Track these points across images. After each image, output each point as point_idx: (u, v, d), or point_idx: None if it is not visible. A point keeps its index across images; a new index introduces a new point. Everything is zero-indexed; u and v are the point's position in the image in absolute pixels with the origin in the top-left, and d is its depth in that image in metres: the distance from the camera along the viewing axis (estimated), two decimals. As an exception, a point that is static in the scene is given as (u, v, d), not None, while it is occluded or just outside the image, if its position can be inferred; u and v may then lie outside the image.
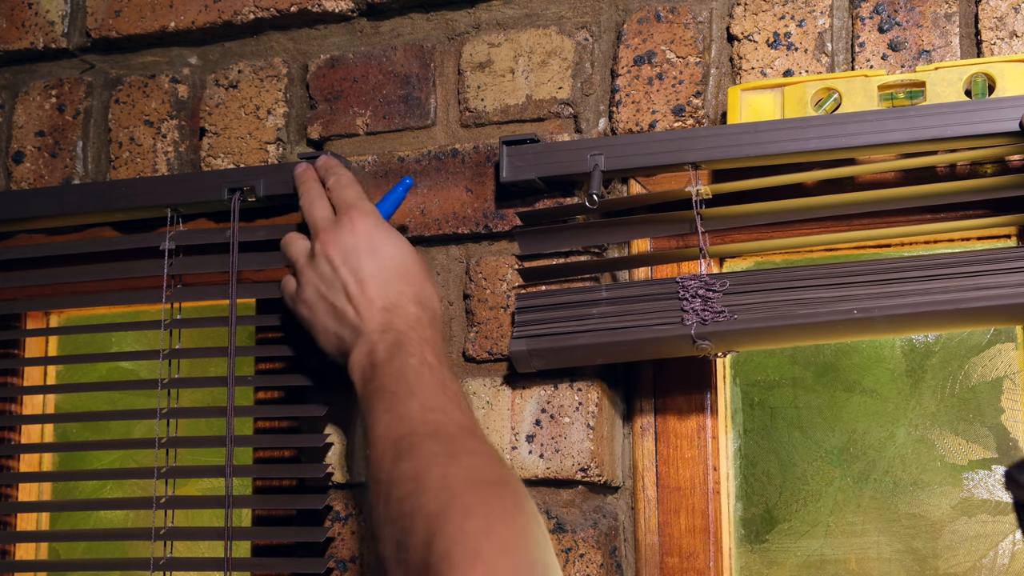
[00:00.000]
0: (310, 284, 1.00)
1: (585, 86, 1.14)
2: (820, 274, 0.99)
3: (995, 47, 1.02)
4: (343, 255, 0.98)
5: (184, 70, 1.29)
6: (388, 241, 1.00)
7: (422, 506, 0.75)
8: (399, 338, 0.92)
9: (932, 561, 1.10)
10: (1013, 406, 1.10)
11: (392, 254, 0.99)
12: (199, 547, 1.31)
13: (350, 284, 0.97)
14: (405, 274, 0.98)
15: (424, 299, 0.98)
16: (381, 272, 0.97)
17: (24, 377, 1.35)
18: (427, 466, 0.79)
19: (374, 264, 0.97)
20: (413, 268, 0.99)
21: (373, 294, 0.96)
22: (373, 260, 0.98)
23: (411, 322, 0.95)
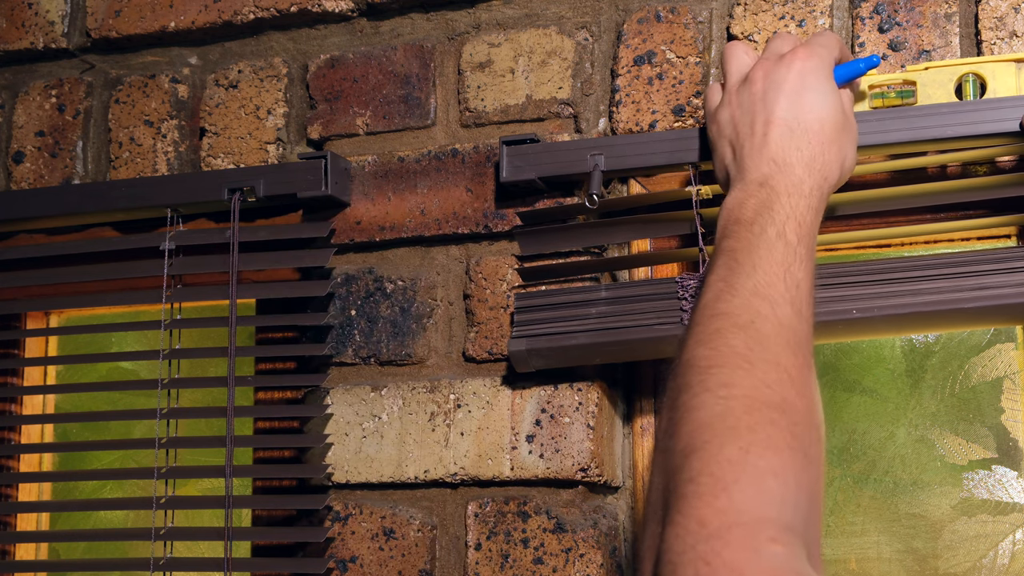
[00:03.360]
0: (728, 106, 0.93)
1: (585, 86, 1.14)
2: (820, 274, 0.99)
3: (995, 47, 1.02)
4: (767, 89, 0.90)
5: (184, 70, 1.29)
6: (817, 90, 0.90)
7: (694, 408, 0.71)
8: (769, 200, 0.84)
9: (932, 561, 1.10)
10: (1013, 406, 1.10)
11: (813, 105, 0.89)
12: (199, 547, 1.31)
13: (757, 121, 0.89)
14: (812, 131, 0.88)
15: (819, 165, 0.88)
16: (790, 120, 0.88)
17: (24, 377, 1.35)
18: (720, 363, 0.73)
19: (789, 108, 0.89)
20: (826, 128, 0.89)
21: (771, 140, 0.88)
22: (791, 104, 0.89)
23: (790, 186, 0.86)
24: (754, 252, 0.81)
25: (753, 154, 0.88)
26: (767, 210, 0.83)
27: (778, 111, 0.89)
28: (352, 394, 1.16)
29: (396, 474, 1.13)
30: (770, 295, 0.78)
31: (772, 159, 0.87)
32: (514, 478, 1.09)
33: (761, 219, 0.83)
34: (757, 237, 0.82)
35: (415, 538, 1.12)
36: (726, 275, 0.80)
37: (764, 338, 0.75)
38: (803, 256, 0.82)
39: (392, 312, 1.16)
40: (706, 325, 0.77)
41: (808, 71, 0.90)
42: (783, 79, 0.90)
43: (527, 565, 1.08)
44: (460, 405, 1.12)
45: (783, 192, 0.85)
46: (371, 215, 1.18)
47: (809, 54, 0.91)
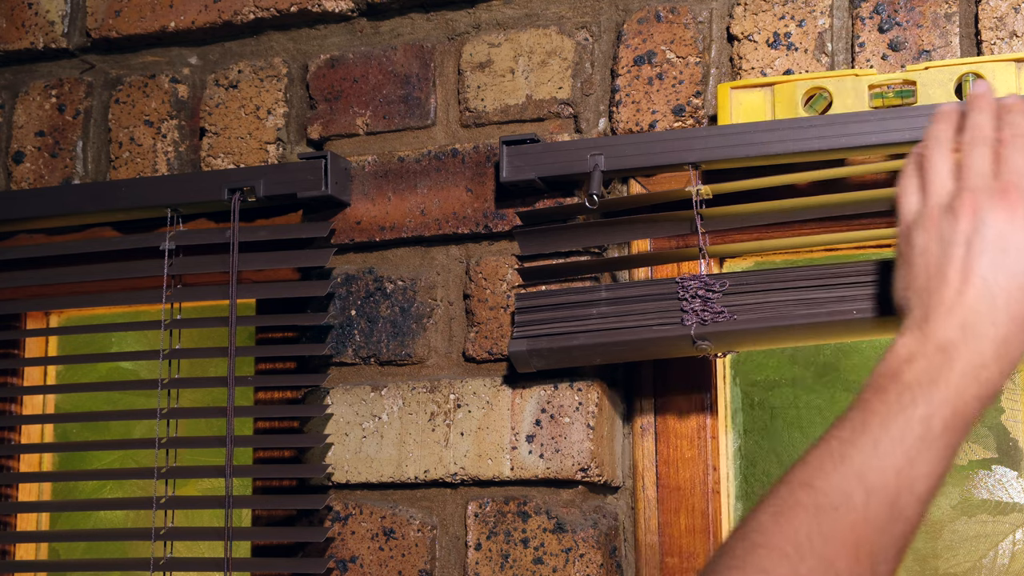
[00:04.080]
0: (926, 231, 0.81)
1: (585, 86, 1.14)
2: (820, 274, 0.99)
3: (995, 47, 1.02)
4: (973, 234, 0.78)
5: (184, 70, 1.29)
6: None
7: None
8: (939, 372, 0.75)
9: (932, 561, 1.10)
10: (1013, 406, 1.10)
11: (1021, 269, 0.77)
12: (199, 547, 1.31)
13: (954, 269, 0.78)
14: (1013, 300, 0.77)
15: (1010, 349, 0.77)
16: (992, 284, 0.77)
17: (24, 377, 1.35)
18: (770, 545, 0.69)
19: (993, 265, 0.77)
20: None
21: (967, 299, 0.77)
22: (996, 260, 0.77)
23: (969, 365, 0.75)
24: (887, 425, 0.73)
25: (942, 307, 0.78)
26: (931, 383, 0.74)
27: (980, 268, 0.77)
28: (352, 394, 1.16)
29: (396, 474, 1.13)
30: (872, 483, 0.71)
31: (962, 324, 0.76)
32: (514, 478, 1.09)
33: (918, 389, 0.74)
34: (902, 410, 0.73)
35: (415, 538, 1.12)
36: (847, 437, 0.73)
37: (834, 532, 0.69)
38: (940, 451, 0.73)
39: (392, 312, 1.16)
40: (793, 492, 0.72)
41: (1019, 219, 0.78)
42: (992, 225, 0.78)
43: (527, 565, 1.08)
44: (460, 405, 1.12)
45: (958, 369, 0.75)
46: (371, 215, 1.18)
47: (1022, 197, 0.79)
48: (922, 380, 0.74)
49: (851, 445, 0.72)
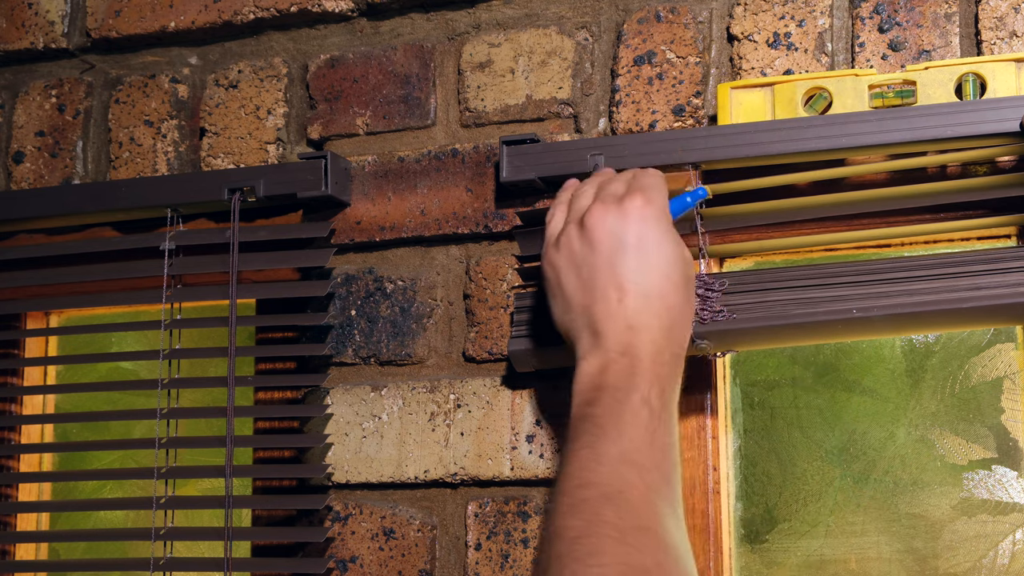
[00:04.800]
0: (567, 250, 0.90)
1: (585, 86, 1.14)
2: (820, 274, 0.99)
3: (995, 47, 1.02)
4: (612, 247, 0.88)
5: (184, 70, 1.30)
6: (662, 245, 0.88)
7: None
8: (633, 367, 0.84)
9: (932, 561, 1.10)
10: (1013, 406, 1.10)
11: (661, 261, 0.87)
12: (199, 547, 1.31)
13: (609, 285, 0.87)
14: (667, 297, 0.87)
15: (676, 332, 0.87)
16: (644, 286, 0.86)
17: (24, 377, 1.35)
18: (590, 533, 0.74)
19: (639, 271, 0.87)
20: (678, 289, 0.88)
21: (627, 306, 0.86)
22: (639, 265, 0.87)
23: (652, 352, 0.85)
24: (620, 418, 0.81)
25: (609, 320, 0.86)
26: (630, 377, 0.83)
27: (629, 275, 0.87)
28: (352, 394, 1.16)
29: (396, 474, 1.13)
30: (638, 461, 0.79)
31: (630, 326, 0.86)
32: (514, 478, 1.09)
33: (625, 385, 0.83)
34: (621, 404, 0.81)
35: (415, 538, 1.12)
36: (591, 442, 0.80)
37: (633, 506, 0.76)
38: (667, 422, 0.82)
39: (392, 312, 1.16)
40: (573, 495, 0.77)
41: (650, 220, 0.88)
42: (625, 233, 0.88)
43: (527, 565, 1.08)
44: (460, 405, 1.12)
45: (645, 358, 0.84)
46: (371, 215, 1.18)
47: (646, 201, 0.89)
48: (623, 377, 0.83)
49: (601, 442, 0.79)
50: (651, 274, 0.87)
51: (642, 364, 0.84)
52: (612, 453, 0.79)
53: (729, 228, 1.05)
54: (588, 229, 0.89)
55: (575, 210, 0.92)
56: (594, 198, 0.92)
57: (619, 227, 0.88)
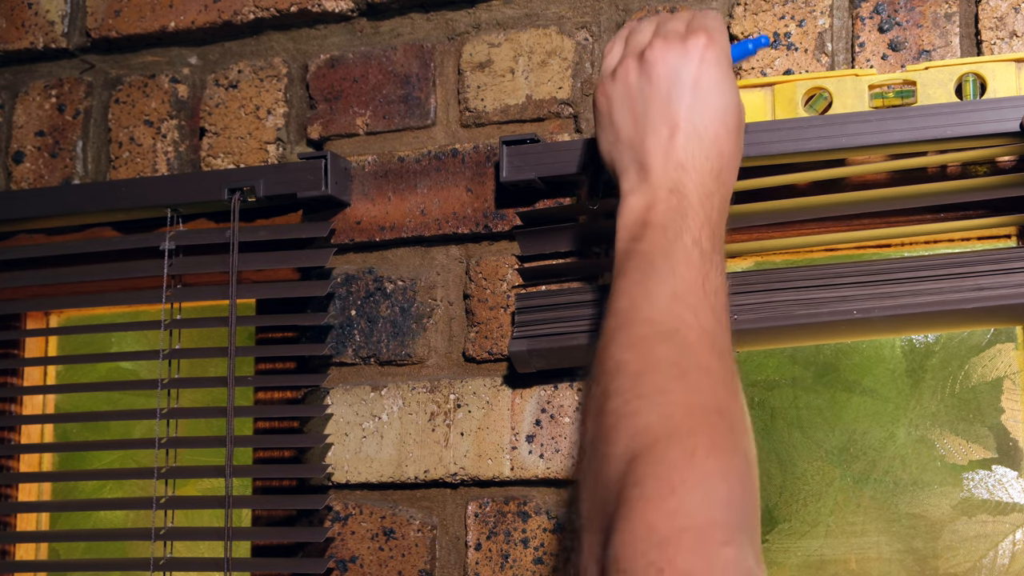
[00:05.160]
0: (623, 82, 0.88)
1: (585, 86, 1.14)
2: (820, 274, 0.99)
3: (995, 47, 1.02)
4: (670, 82, 0.85)
5: (184, 70, 1.29)
6: (721, 87, 0.85)
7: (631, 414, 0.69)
8: (683, 207, 0.81)
9: (932, 561, 1.10)
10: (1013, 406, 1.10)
11: (718, 103, 0.85)
12: (199, 547, 1.31)
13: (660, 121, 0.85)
14: (720, 140, 0.84)
15: (726, 175, 0.85)
16: (698, 125, 0.84)
17: (24, 377, 1.35)
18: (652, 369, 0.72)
19: (695, 110, 0.84)
20: (731, 133, 0.85)
21: (678, 144, 0.83)
22: (696, 104, 0.84)
23: (703, 194, 0.82)
24: (671, 256, 0.78)
25: (659, 156, 0.84)
26: (681, 217, 0.81)
27: (683, 112, 0.85)
28: (352, 394, 1.16)
29: (396, 474, 1.13)
30: (691, 301, 0.76)
31: (681, 165, 0.83)
32: (514, 478, 1.09)
33: (675, 225, 0.80)
34: (672, 242, 0.79)
35: (415, 538, 1.12)
36: (641, 279, 0.78)
37: (690, 345, 0.74)
38: (719, 264, 0.80)
39: (392, 312, 1.16)
40: (629, 331, 0.75)
41: (711, 62, 0.86)
42: (685, 70, 0.85)
43: (527, 565, 1.08)
44: (460, 405, 1.12)
45: (696, 200, 0.82)
46: (371, 215, 1.18)
47: (710, 41, 0.86)
48: (672, 216, 0.80)
49: (652, 280, 0.77)
50: (706, 115, 0.85)
51: (692, 204, 0.81)
52: (664, 291, 0.76)
53: (729, 228, 1.05)
54: (648, 63, 0.86)
55: (634, 44, 0.90)
56: (654, 34, 0.89)
57: (679, 64, 0.85)
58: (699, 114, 0.84)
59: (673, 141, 0.84)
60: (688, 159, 0.83)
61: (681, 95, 0.85)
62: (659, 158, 0.84)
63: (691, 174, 0.83)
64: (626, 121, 0.87)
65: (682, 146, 0.84)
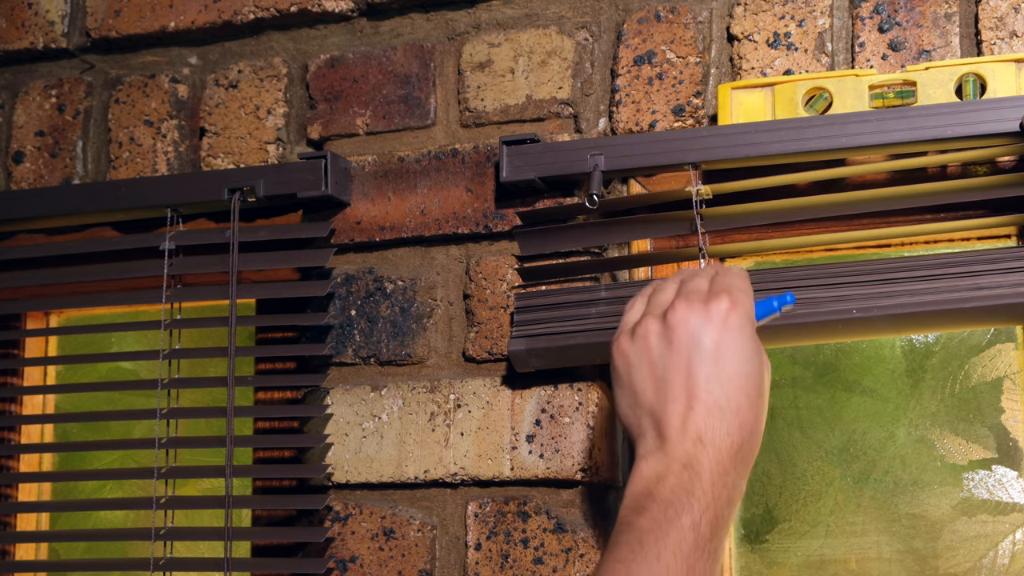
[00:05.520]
0: (645, 343, 0.86)
1: (585, 86, 1.14)
2: (820, 274, 0.99)
3: (995, 47, 1.02)
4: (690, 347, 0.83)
5: (184, 70, 1.29)
6: (743, 355, 0.83)
7: None
8: (692, 485, 0.79)
9: (932, 561, 1.10)
10: (1013, 406, 1.10)
11: (739, 372, 0.82)
12: (199, 547, 1.31)
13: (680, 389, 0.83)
14: (742, 408, 0.82)
15: (745, 452, 0.83)
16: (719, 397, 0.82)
17: (24, 377, 1.35)
18: None
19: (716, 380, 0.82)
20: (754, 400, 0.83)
21: (697, 415, 0.82)
22: (717, 374, 0.82)
23: (717, 472, 0.80)
24: (662, 539, 0.77)
25: (676, 425, 0.82)
26: (687, 495, 0.79)
27: (703, 381, 0.82)
28: (352, 394, 1.16)
29: (396, 474, 1.13)
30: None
31: (699, 438, 0.81)
32: (514, 478, 1.09)
33: (678, 503, 0.79)
34: (670, 522, 0.78)
35: (415, 538, 1.12)
36: (627, 557, 0.77)
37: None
38: (712, 552, 0.79)
39: (392, 312, 1.17)
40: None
41: (733, 328, 0.83)
42: (706, 335, 0.83)
43: (527, 565, 1.08)
44: (460, 405, 1.12)
45: (707, 480, 0.80)
46: (371, 215, 1.18)
47: (733, 305, 0.84)
48: (678, 494, 0.78)
49: (635, 563, 0.76)
50: (728, 385, 0.82)
51: (703, 483, 0.79)
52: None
53: (729, 228, 1.05)
54: (670, 327, 0.85)
55: (656, 303, 0.88)
56: (676, 293, 0.87)
57: (701, 330, 0.83)
58: (720, 384, 0.82)
59: (692, 412, 0.82)
60: (707, 432, 0.81)
61: (701, 364, 0.83)
62: (677, 429, 0.82)
63: (708, 450, 0.81)
64: (645, 385, 0.85)
65: (702, 419, 0.82)
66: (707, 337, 0.83)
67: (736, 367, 0.82)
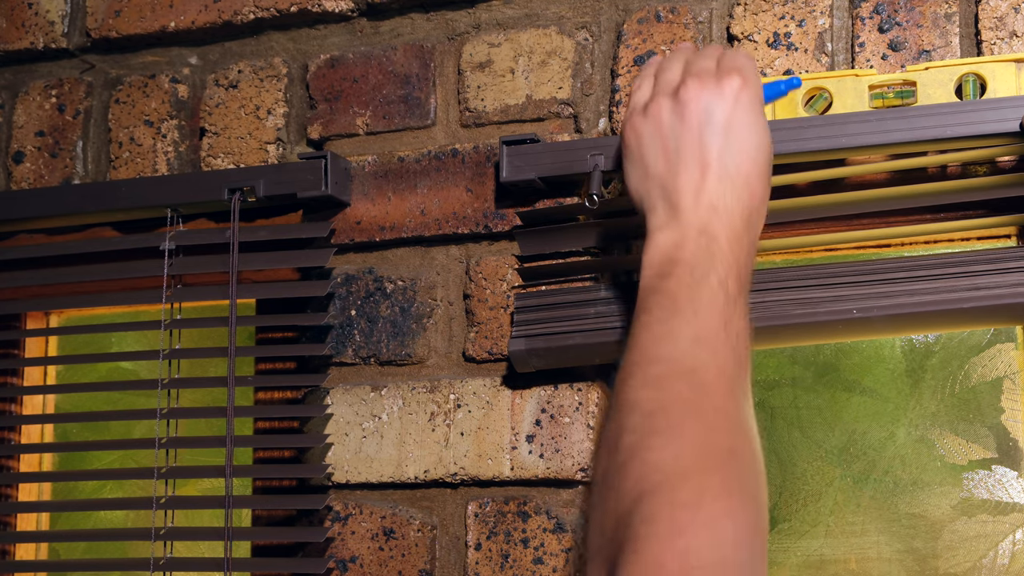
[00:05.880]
0: (655, 119, 0.87)
1: (585, 86, 1.14)
2: (820, 274, 0.99)
3: (995, 47, 1.02)
4: (702, 121, 0.85)
5: (184, 70, 1.29)
6: (753, 129, 0.85)
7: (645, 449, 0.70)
8: (712, 248, 0.81)
9: (932, 561, 1.10)
10: (1013, 406, 1.10)
11: (750, 144, 0.85)
12: (199, 547, 1.31)
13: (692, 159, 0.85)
14: (751, 181, 0.84)
15: (755, 218, 0.85)
16: (730, 166, 0.84)
17: (24, 377, 1.35)
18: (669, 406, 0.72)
19: (727, 151, 0.84)
20: (762, 175, 0.85)
21: (709, 184, 0.83)
22: (728, 144, 0.84)
23: (732, 237, 0.82)
24: (695, 297, 0.78)
25: (689, 194, 0.84)
26: (709, 258, 0.81)
27: (715, 152, 0.84)
28: (352, 394, 1.16)
29: (396, 474, 1.13)
30: (712, 344, 0.77)
31: (712, 205, 0.83)
32: (514, 478, 1.09)
33: (703, 265, 0.80)
34: (699, 283, 0.79)
35: (415, 538, 1.12)
36: (664, 317, 0.78)
37: (707, 386, 0.74)
38: (742, 308, 0.80)
39: (392, 312, 1.17)
40: (647, 368, 0.76)
41: (745, 103, 0.86)
42: (718, 110, 0.85)
43: (527, 565, 1.08)
44: (460, 405, 1.12)
45: (725, 242, 0.82)
46: (371, 215, 1.18)
47: (745, 83, 0.86)
48: (700, 256, 0.80)
49: (676, 319, 0.77)
50: (738, 156, 0.84)
51: (720, 246, 0.81)
52: (687, 332, 0.76)
53: (729, 228, 1.05)
54: (682, 102, 0.86)
55: (664, 82, 0.89)
56: (684, 72, 0.89)
57: (713, 104, 0.85)
58: (731, 155, 0.84)
59: (705, 182, 0.84)
60: (720, 200, 0.83)
61: (713, 136, 0.85)
62: (690, 197, 0.84)
63: (722, 216, 0.83)
64: (657, 158, 0.87)
65: (714, 187, 0.84)
66: (719, 111, 0.85)
67: (746, 139, 0.85)
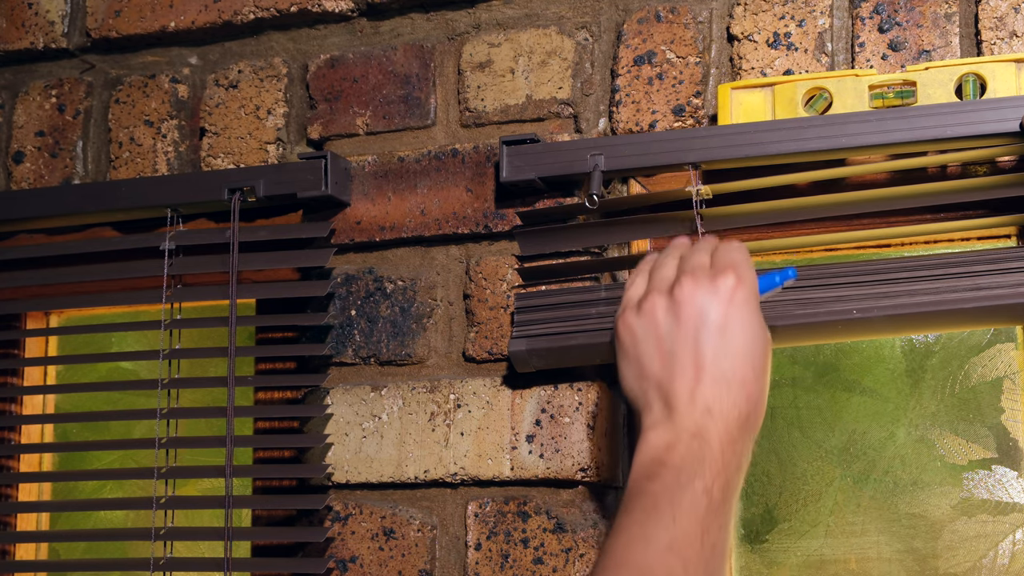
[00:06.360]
0: (652, 318, 0.87)
1: (585, 86, 1.14)
2: (820, 274, 0.99)
3: (995, 47, 1.02)
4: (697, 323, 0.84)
5: (184, 70, 1.29)
6: (749, 330, 0.85)
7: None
8: (703, 453, 0.81)
9: (932, 561, 1.10)
10: (1013, 406, 1.10)
11: (746, 346, 0.84)
12: (199, 547, 1.31)
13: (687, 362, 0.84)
14: (747, 381, 0.84)
15: (751, 423, 0.85)
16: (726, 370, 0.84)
17: (24, 377, 1.35)
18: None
19: (722, 354, 0.84)
20: (759, 373, 0.85)
21: (705, 388, 0.83)
22: (723, 348, 0.84)
23: (725, 440, 0.82)
24: (677, 502, 0.78)
25: (684, 396, 0.83)
26: (698, 462, 0.80)
27: (710, 354, 0.84)
28: (352, 394, 1.16)
29: (396, 474, 1.13)
30: (686, 554, 0.76)
31: (707, 408, 0.83)
32: (514, 478, 1.09)
33: (690, 469, 0.80)
34: (683, 487, 0.79)
35: (415, 538, 1.12)
36: (642, 519, 0.78)
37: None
38: (724, 517, 0.80)
39: (392, 312, 1.17)
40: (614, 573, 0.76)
41: (739, 302, 0.85)
42: (713, 310, 0.84)
43: (527, 565, 1.08)
44: (460, 405, 1.12)
45: (717, 447, 0.81)
46: (371, 215, 1.18)
47: (739, 281, 0.85)
48: (689, 461, 0.80)
49: (653, 524, 0.77)
50: (734, 359, 0.84)
51: (712, 451, 0.81)
52: (662, 538, 0.77)
53: (729, 228, 1.05)
54: (677, 302, 0.86)
55: (659, 279, 0.89)
56: (679, 269, 0.89)
57: (709, 305, 0.85)
58: (727, 357, 0.84)
59: (699, 384, 0.83)
60: (715, 403, 0.83)
61: (709, 337, 0.84)
62: (685, 400, 0.83)
63: (716, 419, 0.83)
64: (652, 359, 0.86)
65: (709, 390, 0.83)
66: (714, 312, 0.84)
67: (742, 341, 0.84)
